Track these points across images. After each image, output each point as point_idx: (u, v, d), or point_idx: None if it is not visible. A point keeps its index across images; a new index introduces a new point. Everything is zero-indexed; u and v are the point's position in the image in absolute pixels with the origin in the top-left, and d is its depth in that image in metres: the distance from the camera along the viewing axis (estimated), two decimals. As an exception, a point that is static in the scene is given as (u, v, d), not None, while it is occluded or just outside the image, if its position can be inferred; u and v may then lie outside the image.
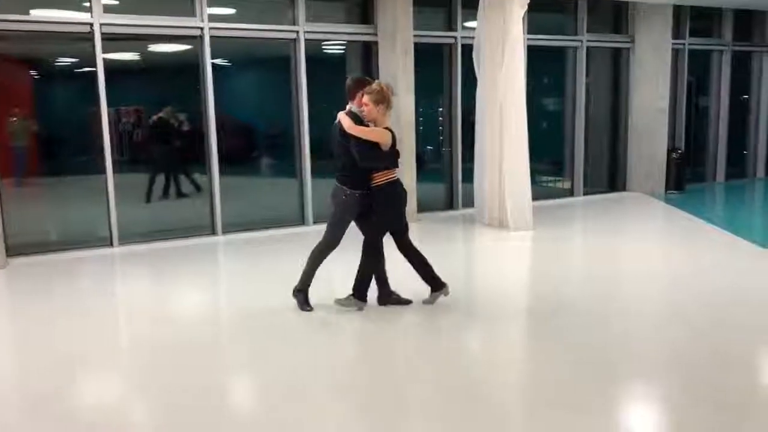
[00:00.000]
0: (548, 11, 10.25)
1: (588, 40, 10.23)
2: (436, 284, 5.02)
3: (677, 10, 10.64)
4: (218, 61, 8.01)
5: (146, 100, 10.91)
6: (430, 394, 3.69)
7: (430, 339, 4.62)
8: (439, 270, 5.04)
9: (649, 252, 7.16)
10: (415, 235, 7.85)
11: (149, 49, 11.36)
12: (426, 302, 5.04)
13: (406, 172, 8.39)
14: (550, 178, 11.00)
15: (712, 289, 5.50)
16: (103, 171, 7.24)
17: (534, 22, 9.46)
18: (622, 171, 10.98)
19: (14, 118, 9.39)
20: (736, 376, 3.80)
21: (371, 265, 4.88)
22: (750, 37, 12.13)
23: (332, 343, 4.56)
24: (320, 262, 4.92)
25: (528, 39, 9.33)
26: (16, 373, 4.20)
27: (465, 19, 9.09)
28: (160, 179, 9.34)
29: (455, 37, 9.13)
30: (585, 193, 10.53)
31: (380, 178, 4.75)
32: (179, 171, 9.48)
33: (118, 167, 7.50)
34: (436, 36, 9.12)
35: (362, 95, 4.67)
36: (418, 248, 5.02)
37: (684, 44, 11.20)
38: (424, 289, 5.06)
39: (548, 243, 7.57)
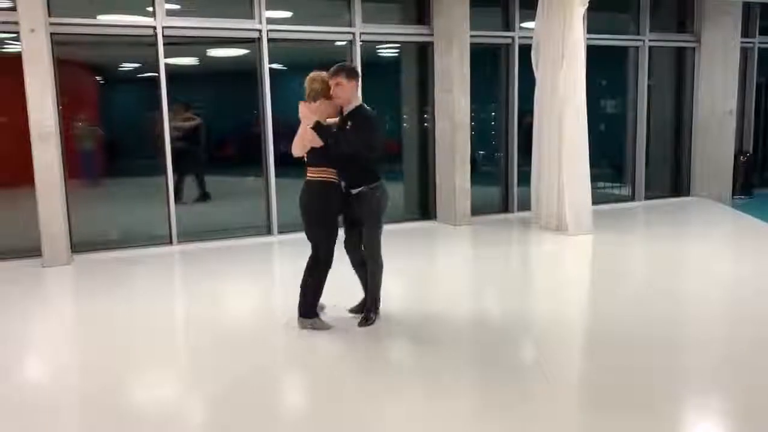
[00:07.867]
0: (609, 10, 9.97)
1: (650, 40, 9.91)
2: (308, 312, 4.53)
3: (746, 7, 10.20)
4: (274, 65, 8.07)
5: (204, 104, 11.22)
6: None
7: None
8: (494, 273, 4.86)
9: (718, 261, 6.78)
10: (469, 238, 7.91)
11: (208, 53, 11.65)
12: (303, 325, 4.53)
13: (459, 172, 8.30)
14: (608, 183, 10.69)
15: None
16: (164, 172, 7.41)
17: (594, 21, 9.20)
18: (686, 175, 10.56)
19: (80, 123, 9.73)
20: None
21: (315, 278, 4.50)
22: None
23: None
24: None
25: (588, 39, 9.09)
26: (75, 366, 4.28)
27: (522, 19, 8.94)
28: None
29: (512, 37, 8.98)
30: (646, 198, 10.18)
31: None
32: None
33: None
34: (493, 36, 8.98)
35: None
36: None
37: (754, 43, 10.73)
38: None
39: (609, 248, 7.32)
